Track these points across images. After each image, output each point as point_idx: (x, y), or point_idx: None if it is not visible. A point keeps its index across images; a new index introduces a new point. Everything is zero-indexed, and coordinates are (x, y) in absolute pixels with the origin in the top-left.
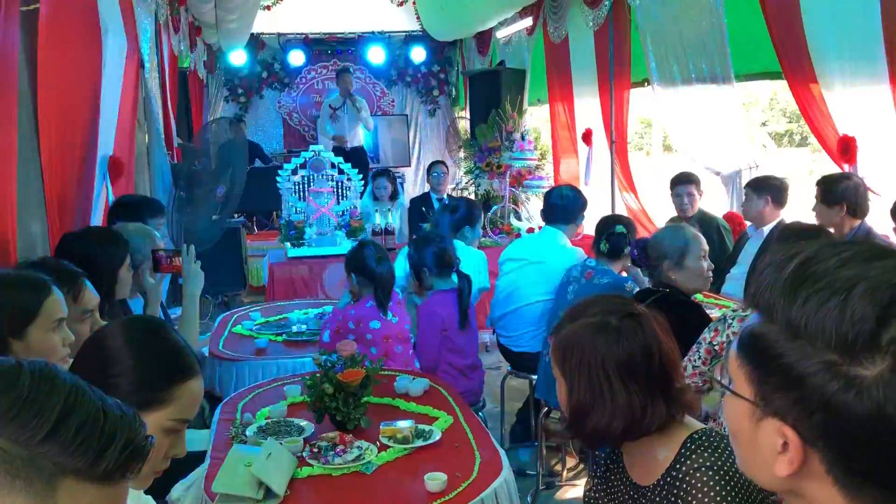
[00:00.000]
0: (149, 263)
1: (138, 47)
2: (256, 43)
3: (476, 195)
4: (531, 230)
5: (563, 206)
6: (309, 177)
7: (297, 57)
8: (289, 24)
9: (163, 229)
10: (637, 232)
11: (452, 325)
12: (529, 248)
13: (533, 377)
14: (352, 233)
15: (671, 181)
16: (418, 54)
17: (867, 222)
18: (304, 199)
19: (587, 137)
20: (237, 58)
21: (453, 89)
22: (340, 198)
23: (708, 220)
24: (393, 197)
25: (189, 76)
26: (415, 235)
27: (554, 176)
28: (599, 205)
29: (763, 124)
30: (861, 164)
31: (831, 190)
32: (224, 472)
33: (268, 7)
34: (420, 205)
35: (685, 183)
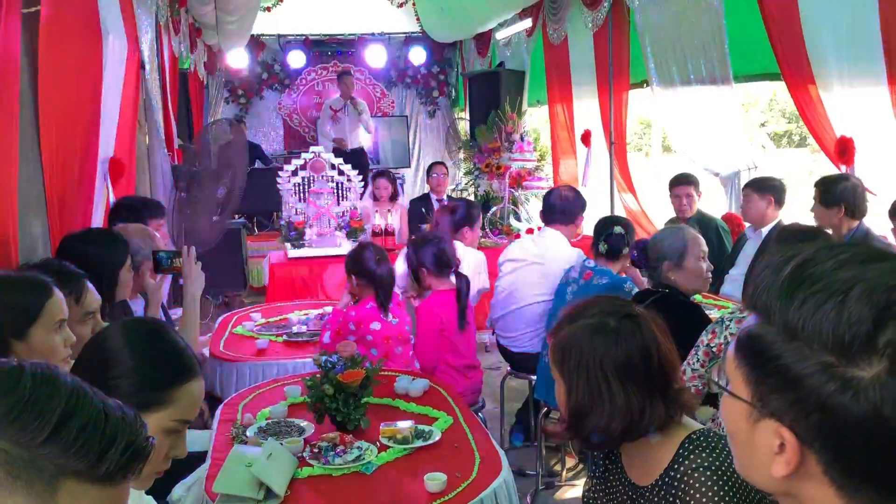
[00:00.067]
0: (149, 264)
1: (139, 49)
2: (256, 44)
3: (475, 196)
4: (530, 231)
5: (563, 207)
6: (309, 178)
7: (297, 58)
8: (289, 26)
9: (163, 230)
10: (636, 233)
11: (451, 326)
12: (529, 249)
13: (532, 378)
14: (352, 234)
15: (670, 182)
16: (418, 55)
17: (865, 223)
18: (305, 200)
19: (586, 138)
20: (237, 59)
21: (453, 90)
22: (340, 199)
23: (706, 221)
24: (393, 198)
25: (189, 77)
26: (413, 236)
27: (553, 177)
28: (599, 206)
29: (762, 125)
30: (859, 165)
31: (830, 191)
32: (225, 473)
33: (268, 8)
34: (420, 206)
35: (684, 184)
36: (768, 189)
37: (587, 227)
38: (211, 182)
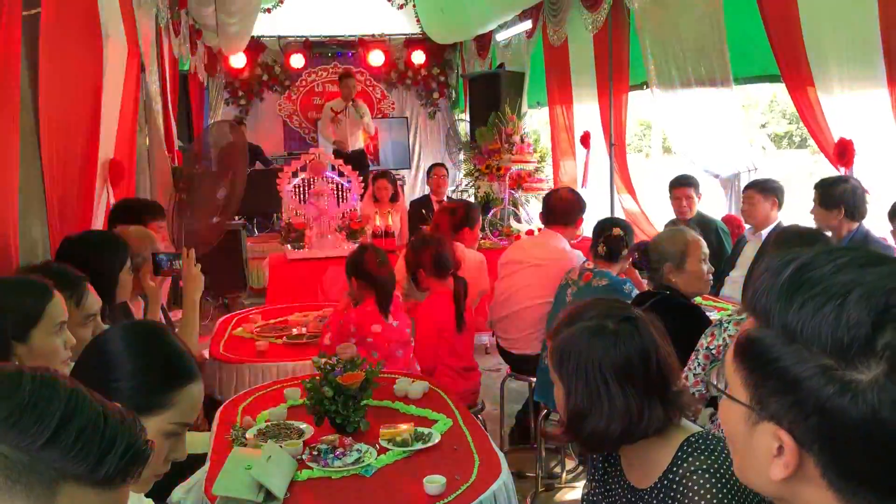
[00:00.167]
0: (149, 266)
1: (139, 50)
2: (257, 46)
3: (476, 197)
4: (530, 232)
5: (563, 209)
6: (309, 179)
7: (298, 60)
8: (289, 27)
9: (163, 232)
10: (635, 234)
11: (449, 328)
12: (528, 251)
13: (532, 379)
14: (352, 235)
15: (670, 184)
16: (418, 57)
17: (865, 225)
18: (305, 202)
19: (585, 140)
20: (237, 60)
21: (453, 92)
22: (340, 200)
23: (706, 223)
24: (393, 199)
25: (189, 79)
26: (413, 237)
27: (553, 178)
28: (598, 207)
29: (763, 126)
30: (858, 167)
31: (829, 193)
32: (224, 475)
33: (268, 10)
34: (420, 207)
35: (684, 185)
36: (772, 190)
37: (587, 229)
38: (211, 184)
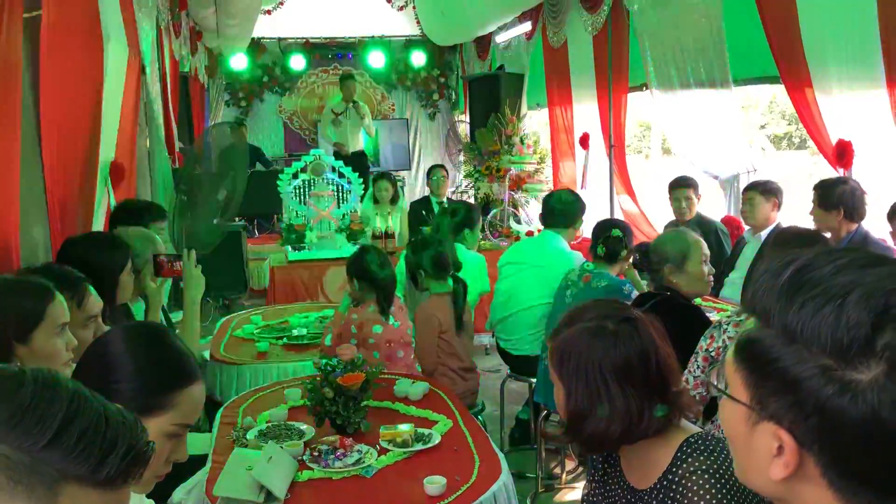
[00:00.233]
0: (150, 268)
1: (139, 52)
2: (257, 47)
3: (476, 198)
4: (530, 234)
5: (562, 210)
6: (309, 180)
7: (298, 61)
8: (289, 29)
9: (164, 233)
10: (634, 235)
11: (449, 329)
12: (528, 252)
13: (532, 380)
14: (352, 236)
15: (669, 185)
16: (418, 59)
17: (864, 226)
18: (305, 203)
19: (584, 141)
20: (238, 62)
21: (453, 93)
22: (341, 201)
23: (706, 224)
24: (393, 200)
25: (190, 80)
26: (413, 238)
27: (553, 179)
28: (598, 208)
29: (762, 127)
30: (857, 168)
31: (828, 194)
32: (225, 476)
33: (268, 11)
34: (420, 208)
35: (683, 186)
36: (773, 192)
37: (586, 230)
38: (212, 185)
